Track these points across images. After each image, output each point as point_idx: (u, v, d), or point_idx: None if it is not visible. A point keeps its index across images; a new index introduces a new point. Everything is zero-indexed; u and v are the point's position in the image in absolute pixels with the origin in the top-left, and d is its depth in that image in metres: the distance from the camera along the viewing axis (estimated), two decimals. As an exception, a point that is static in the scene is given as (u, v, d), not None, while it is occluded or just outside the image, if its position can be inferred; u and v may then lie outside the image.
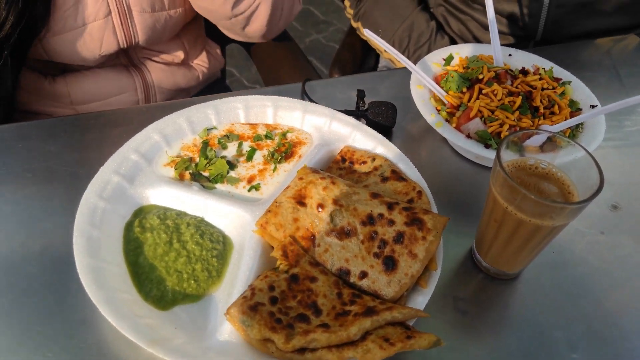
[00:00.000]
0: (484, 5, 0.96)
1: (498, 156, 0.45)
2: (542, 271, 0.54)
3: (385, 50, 1.03)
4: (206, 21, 0.99)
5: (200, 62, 0.97)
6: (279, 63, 1.13)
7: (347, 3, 1.09)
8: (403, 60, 0.64)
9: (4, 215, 0.54)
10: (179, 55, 0.90)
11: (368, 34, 0.64)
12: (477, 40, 0.99)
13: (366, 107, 0.66)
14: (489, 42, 0.73)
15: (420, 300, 0.47)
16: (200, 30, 0.98)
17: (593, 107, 0.64)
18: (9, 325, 0.46)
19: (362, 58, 1.25)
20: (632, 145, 0.69)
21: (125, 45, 0.79)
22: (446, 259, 0.54)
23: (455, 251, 0.56)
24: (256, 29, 0.81)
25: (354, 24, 1.09)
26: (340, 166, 0.59)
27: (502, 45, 0.75)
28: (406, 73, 0.68)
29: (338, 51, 1.33)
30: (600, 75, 0.82)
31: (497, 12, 0.96)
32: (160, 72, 0.90)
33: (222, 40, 1.05)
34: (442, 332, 0.44)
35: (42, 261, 0.50)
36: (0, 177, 0.58)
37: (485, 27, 0.99)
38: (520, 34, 0.98)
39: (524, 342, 0.49)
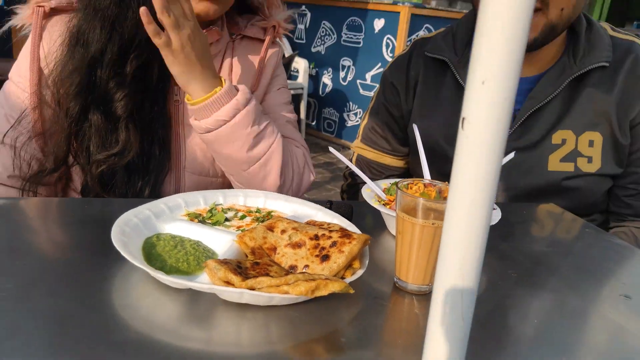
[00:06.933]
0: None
1: (397, 184, 0.69)
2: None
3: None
4: None
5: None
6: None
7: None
8: (358, 172, 0.92)
9: (69, 223, 0.78)
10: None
11: (332, 151, 0.93)
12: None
13: (330, 205, 0.91)
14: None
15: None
16: None
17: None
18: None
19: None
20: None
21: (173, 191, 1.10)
22: (372, 287, 0.72)
23: (387, 286, 0.73)
24: (271, 182, 1.03)
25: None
26: (305, 227, 0.82)
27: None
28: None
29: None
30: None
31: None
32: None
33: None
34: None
35: (87, 256, 0.72)
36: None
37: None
38: None
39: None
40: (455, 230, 0.43)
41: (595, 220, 1.29)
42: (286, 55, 4.25)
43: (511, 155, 0.91)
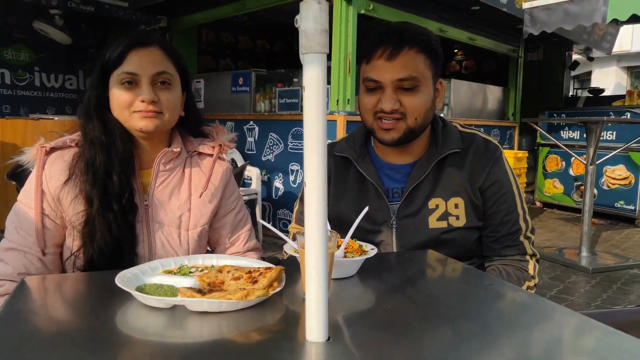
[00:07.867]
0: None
1: (295, 237, 1.10)
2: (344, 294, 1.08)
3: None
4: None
5: None
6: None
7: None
8: (281, 235, 1.32)
9: (84, 286, 1.13)
10: None
11: (259, 221, 1.33)
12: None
13: (263, 259, 1.30)
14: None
15: (268, 295, 1.02)
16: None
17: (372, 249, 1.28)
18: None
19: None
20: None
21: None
22: (288, 300, 1.09)
23: (298, 300, 1.10)
24: None
25: None
26: (245, 273, 1.20)
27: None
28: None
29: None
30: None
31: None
32: None
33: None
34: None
35: (98, 301, 1.07)
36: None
37: None
38: None
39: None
40: (310, 245, 0.84)
41: (475, 263, 1.71)
42: (239, 165, 4.75)
43: (365, 209, 1.33)
